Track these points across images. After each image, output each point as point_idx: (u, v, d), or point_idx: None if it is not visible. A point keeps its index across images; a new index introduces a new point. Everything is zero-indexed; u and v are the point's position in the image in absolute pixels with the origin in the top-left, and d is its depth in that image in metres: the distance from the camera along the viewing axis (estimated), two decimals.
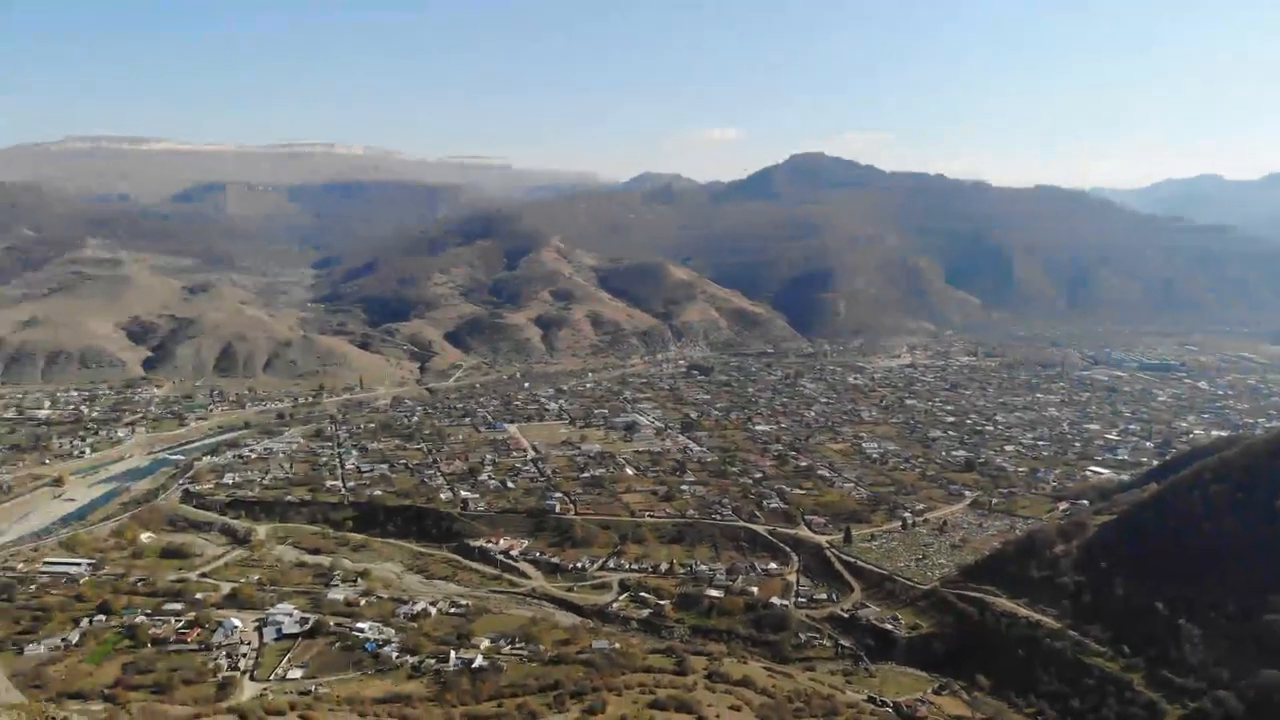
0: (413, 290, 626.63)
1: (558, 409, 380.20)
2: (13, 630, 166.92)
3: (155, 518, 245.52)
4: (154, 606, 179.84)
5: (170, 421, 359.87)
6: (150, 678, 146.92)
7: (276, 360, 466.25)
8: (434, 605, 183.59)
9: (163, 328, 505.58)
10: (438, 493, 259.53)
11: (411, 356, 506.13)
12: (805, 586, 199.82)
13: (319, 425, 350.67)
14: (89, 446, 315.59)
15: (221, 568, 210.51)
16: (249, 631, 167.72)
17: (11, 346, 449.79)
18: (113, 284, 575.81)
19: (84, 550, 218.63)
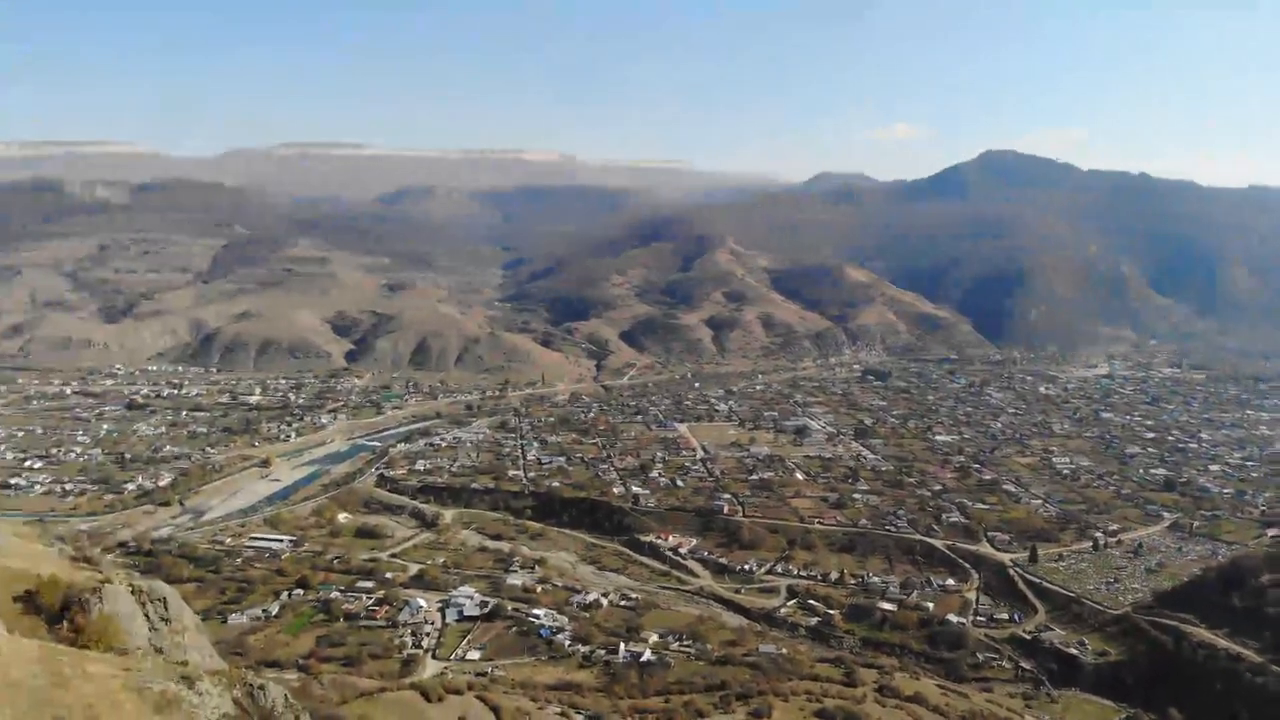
0: (592, 291, 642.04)
1: (727, 410, 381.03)
2: (219, 600, 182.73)
3: (352, 500, 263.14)
4: (347, 583, 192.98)
5: (369, 410, 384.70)
6: (341, 651, 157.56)
7: (466, 355, 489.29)
8: (605, 596, 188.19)
9: (364, 322, 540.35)
10: (610, 487, 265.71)
11: (589, 354, 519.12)
12: (985, 605, 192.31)
13: (503, 417, 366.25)
14: (294, 431, 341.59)
15: (410, 549, 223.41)
16: (433, 611, 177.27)
17: (227, 337, 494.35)
18: (320, 281, 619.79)
19: (286, 528, 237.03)
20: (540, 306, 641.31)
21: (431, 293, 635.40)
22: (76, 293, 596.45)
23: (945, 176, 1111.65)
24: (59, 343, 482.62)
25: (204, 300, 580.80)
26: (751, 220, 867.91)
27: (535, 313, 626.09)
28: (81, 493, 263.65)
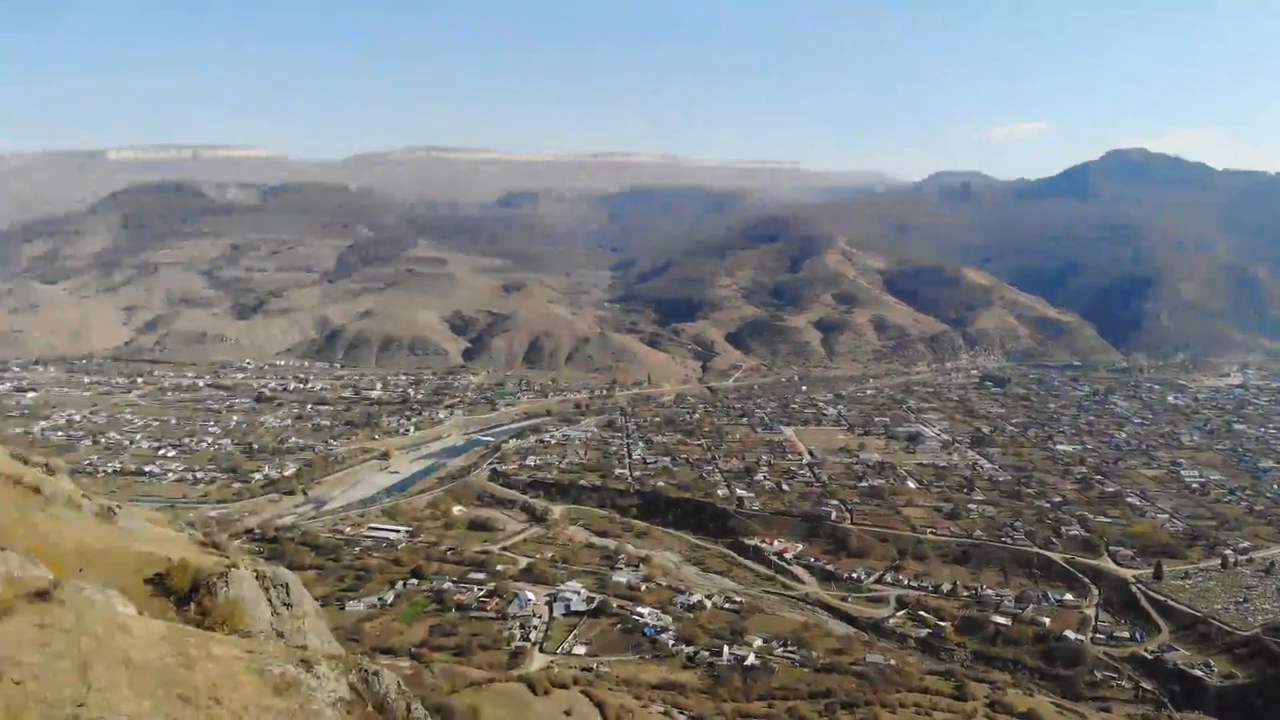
0: (699, 292, 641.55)
1: (836, 414, 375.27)
2: (337, 588, 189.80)
3: (466, 493, 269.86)
4: (460, 574, 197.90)
5: (483, 406, 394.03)
6: (452, 640, 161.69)
7: (576, 354, 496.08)
8: (709, 598, 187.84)
9: (480, 321, 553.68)
10: (715, 489, 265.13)
11: (695, 355, 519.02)
12: (1105, 622, 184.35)
13: (610, 416, 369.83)
14: (413, 425, 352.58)
15: (520, 543, 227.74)
16: (541, 605, 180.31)
17: (351, 334, 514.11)
18: (439, 281, 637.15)
19: (403, 519, 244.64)
20: (647, 307, 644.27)
21: (543, 293, 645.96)
22: (210, 290, 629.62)
23: (1068, 175, 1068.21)
24: (193, 337, 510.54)
25: (329, 299, 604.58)
26: (863, 220, 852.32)
27: (643, 313, 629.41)
28: (211, 481, 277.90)
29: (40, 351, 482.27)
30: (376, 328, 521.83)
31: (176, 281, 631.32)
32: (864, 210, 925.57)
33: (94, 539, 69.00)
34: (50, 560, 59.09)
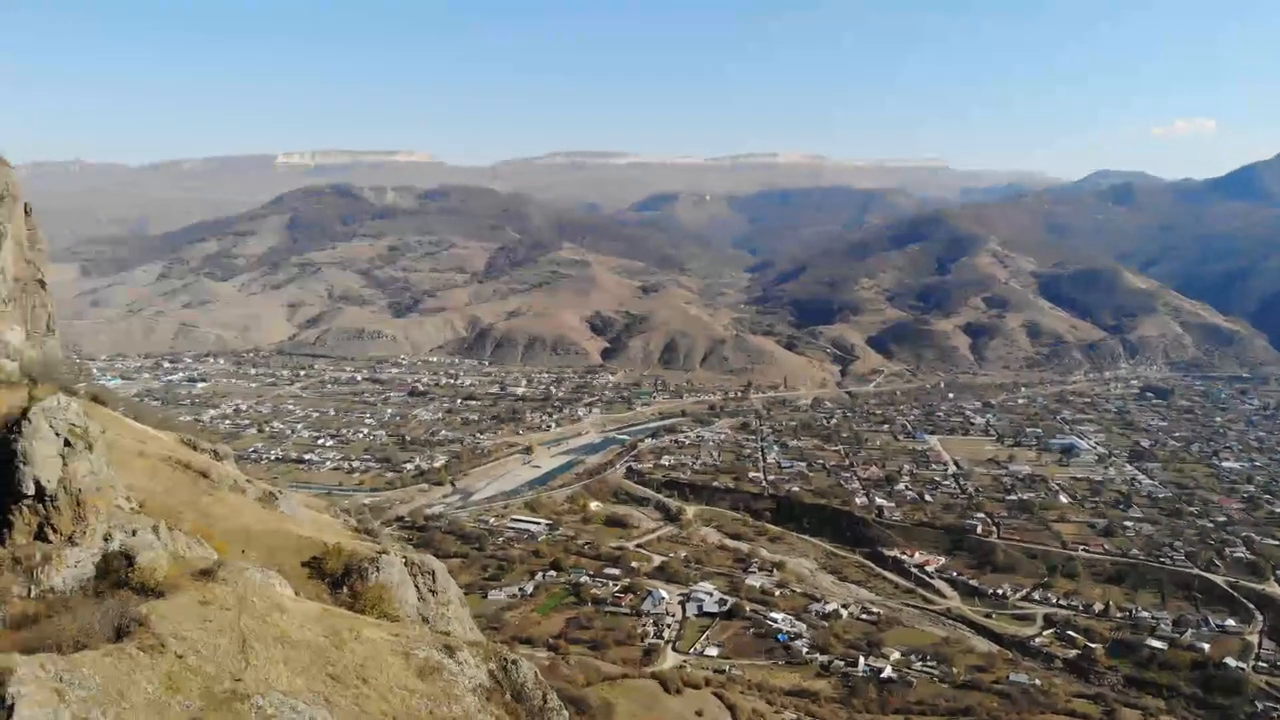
0: (839, 294, 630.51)
1: (984, 424, 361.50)
2: (480, 576, 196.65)
3: (603, 489, 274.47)
4: (596, 569, 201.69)
5: (620, 405, 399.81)
6: (588, 634, 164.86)
7: (712, 356, 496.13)
8: (845, 608, 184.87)
9: (619, 322, 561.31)
10: (853, 496, 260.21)
11: (833, 359, 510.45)
12: (1269, 650, 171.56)
13: (745, 419, 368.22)
14: (554, 422, 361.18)
15: (654, 541, 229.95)
16: (674, 604, 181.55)
17: (499, 332, 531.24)
18: (581, 282, 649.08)
19: (543, 512, 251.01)
20: (785, 309, 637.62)
21: (680, 295, 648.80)
22: (368, 289, 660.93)
23: (1237, 176, 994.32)
24: (352, 334, 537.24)
25: (479, 298, 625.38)
26: (1016, 221, 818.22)
27: (780, 315, 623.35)
28: (366, 470, 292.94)
29: (211, 345, 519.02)
30: (522, 327, 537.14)
31: (337, 280, 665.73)
32: (1017, 210, 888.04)
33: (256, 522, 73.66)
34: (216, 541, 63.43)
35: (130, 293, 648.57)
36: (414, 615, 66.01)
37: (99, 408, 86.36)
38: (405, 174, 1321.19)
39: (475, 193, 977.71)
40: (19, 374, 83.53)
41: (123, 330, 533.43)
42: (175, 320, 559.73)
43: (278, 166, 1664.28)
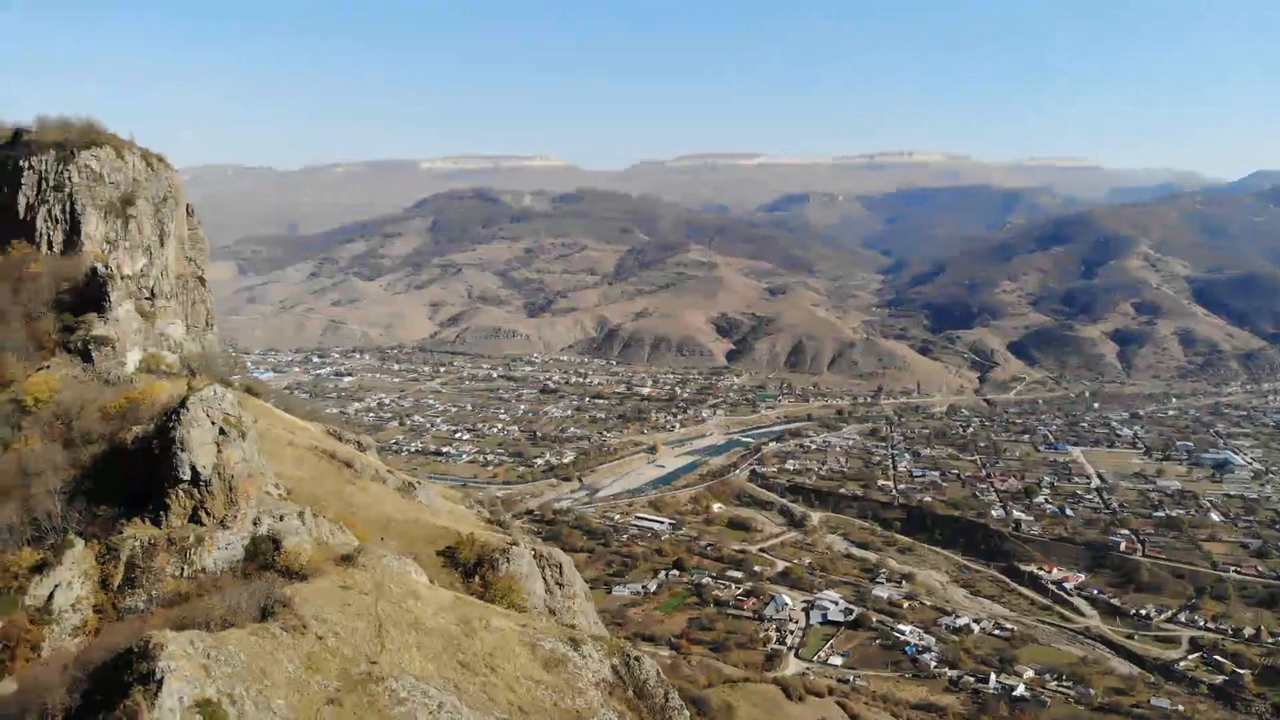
0: (977, 297, 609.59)
1: (1131, 436, 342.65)
2: (605, 572, 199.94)
3: (726, 491, 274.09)
4: (718, 571, 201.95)
5: (745, 407, 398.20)
6: (710, 635, 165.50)
7: (840, 359, 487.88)
8: (977, 622, 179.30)
9: (745, 324, 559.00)
10: (989, 508, 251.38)
11: (971, 365, 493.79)
12: None
13: (875, 425, 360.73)
14: (679, 422, 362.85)
15: (777, 546, 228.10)
16: (797, 610, 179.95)
17: (626, 333, 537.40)
18: (707, 284, 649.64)
19: (667, 511, 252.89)
20: (920, 313, 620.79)
21: (808, 297, 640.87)
22: (505, 289, 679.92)
23: None
24: (489, 332, 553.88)
25: (608, 299, 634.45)
26: (1168, 223, 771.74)
27: (914, 319, 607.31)
28: (499, 463, 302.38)
29: (358, 341, 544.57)
30: (649, 328, 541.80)
31: (476, 281, 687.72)
32: (1170, 211, 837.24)
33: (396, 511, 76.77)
34: (357, 528, 66.49)
35: (283, 290, 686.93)
36: (541, 607, 67.70)
37: (252, 399, 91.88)
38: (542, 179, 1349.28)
39: (607, 196, 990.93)
40: (179, 366, 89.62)
41: (276, 326, 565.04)
42: (325, 317, 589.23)
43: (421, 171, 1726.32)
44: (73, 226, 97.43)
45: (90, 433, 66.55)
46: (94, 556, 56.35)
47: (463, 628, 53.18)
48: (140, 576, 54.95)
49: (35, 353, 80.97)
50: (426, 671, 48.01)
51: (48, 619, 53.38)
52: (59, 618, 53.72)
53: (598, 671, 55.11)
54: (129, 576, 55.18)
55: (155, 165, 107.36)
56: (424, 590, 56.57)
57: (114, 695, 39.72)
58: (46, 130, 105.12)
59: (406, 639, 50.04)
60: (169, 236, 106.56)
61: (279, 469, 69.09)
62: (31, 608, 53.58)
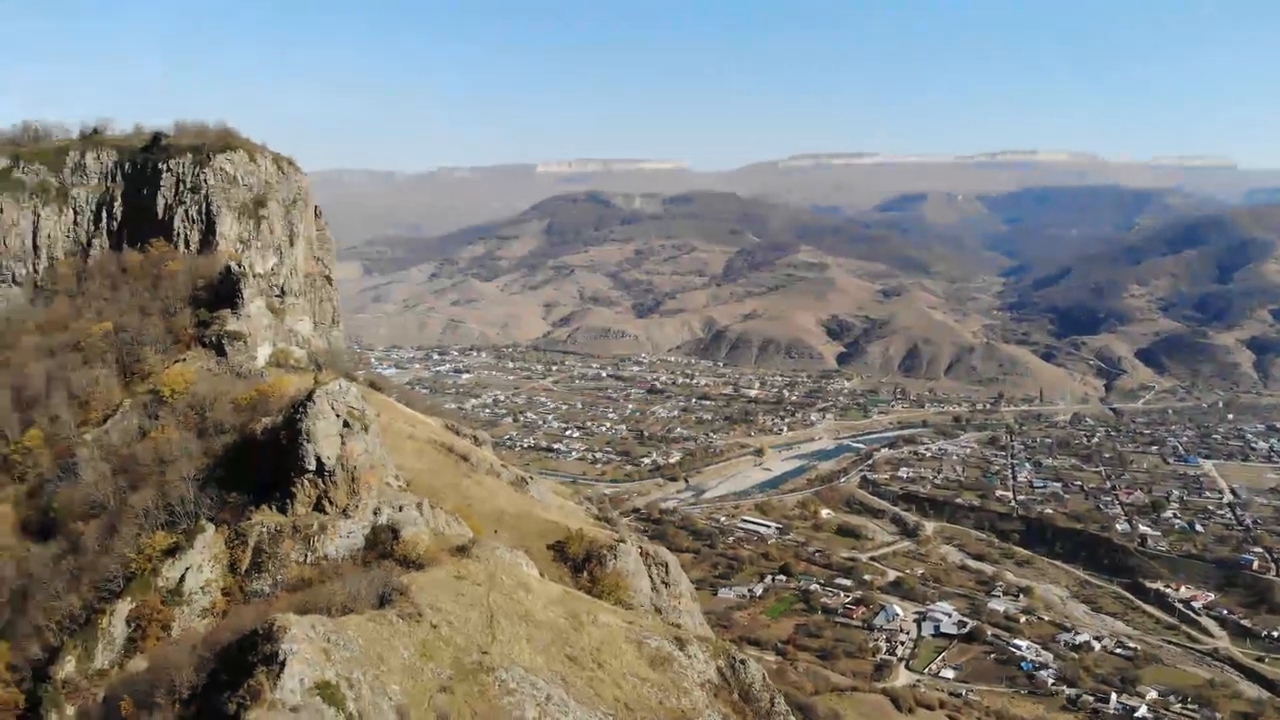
0: (1104, 302, 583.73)
1: (1267, 449, 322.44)
2: (710, 573, 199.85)
3: (835, 497, 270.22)
4: (826, 578, 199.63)
5: (855, 412, 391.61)
6: (817, 642, 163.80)
7: (958, 365, 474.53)
8: (1098, 640, 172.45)
9: (857, 326, 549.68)
10: (1113, 522, 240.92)
11: (1096, 372, 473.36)
12: None
13: (994, 433, 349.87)
14: (786, 425, 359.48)
15: (889, 555, 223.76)
16: (908, 621, 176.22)
17: (734, 334, 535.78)
18: (818, 285, 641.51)
19: (774, 515, 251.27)
20: (1043, 317, 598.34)
21: (924, 299, 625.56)
22: (615, 290, 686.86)
23: None
24: (599, 332, 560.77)
25: (716, 301, 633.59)
26: None
27: (1037, 323, 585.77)
28: (608, 461, 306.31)
29: (475, 339, 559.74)
30: (757, 329, 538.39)
31: (588, 282, 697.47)
32: None
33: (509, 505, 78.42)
34: (472, 520, 68.19)
35: (406, 290, 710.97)
36: (647, 605, 68.14)
37: (375, 393, 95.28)
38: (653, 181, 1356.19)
39: (717, 198, 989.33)
40: (307, 361, 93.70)
41: (399, 324, 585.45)
42: (445, 316, 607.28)
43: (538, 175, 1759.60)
44: (208, 226, 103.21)
45: (222, 423, 70.27)
46: (224, 541, 59.42)
47: (571, 622, 53.99)
48: (266, 561, 57.68)
49: (172, 346, 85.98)
50: (535, 663, 48.92)
51: (178, 600, 56.50)
52: (189, 599, 56.79)
53: (703, 672, 55.17)
54: (256, 561, 58.00)
55: (286, 168, 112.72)
56: (534, 583, 57.65)
57: (239, 675, 41.78)
58: (184, 135, 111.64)
59: (517, 630, 51.11)
60: (298, 237, 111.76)
61: (399, 461, 71.52)
62: (163, 589, 56.83)
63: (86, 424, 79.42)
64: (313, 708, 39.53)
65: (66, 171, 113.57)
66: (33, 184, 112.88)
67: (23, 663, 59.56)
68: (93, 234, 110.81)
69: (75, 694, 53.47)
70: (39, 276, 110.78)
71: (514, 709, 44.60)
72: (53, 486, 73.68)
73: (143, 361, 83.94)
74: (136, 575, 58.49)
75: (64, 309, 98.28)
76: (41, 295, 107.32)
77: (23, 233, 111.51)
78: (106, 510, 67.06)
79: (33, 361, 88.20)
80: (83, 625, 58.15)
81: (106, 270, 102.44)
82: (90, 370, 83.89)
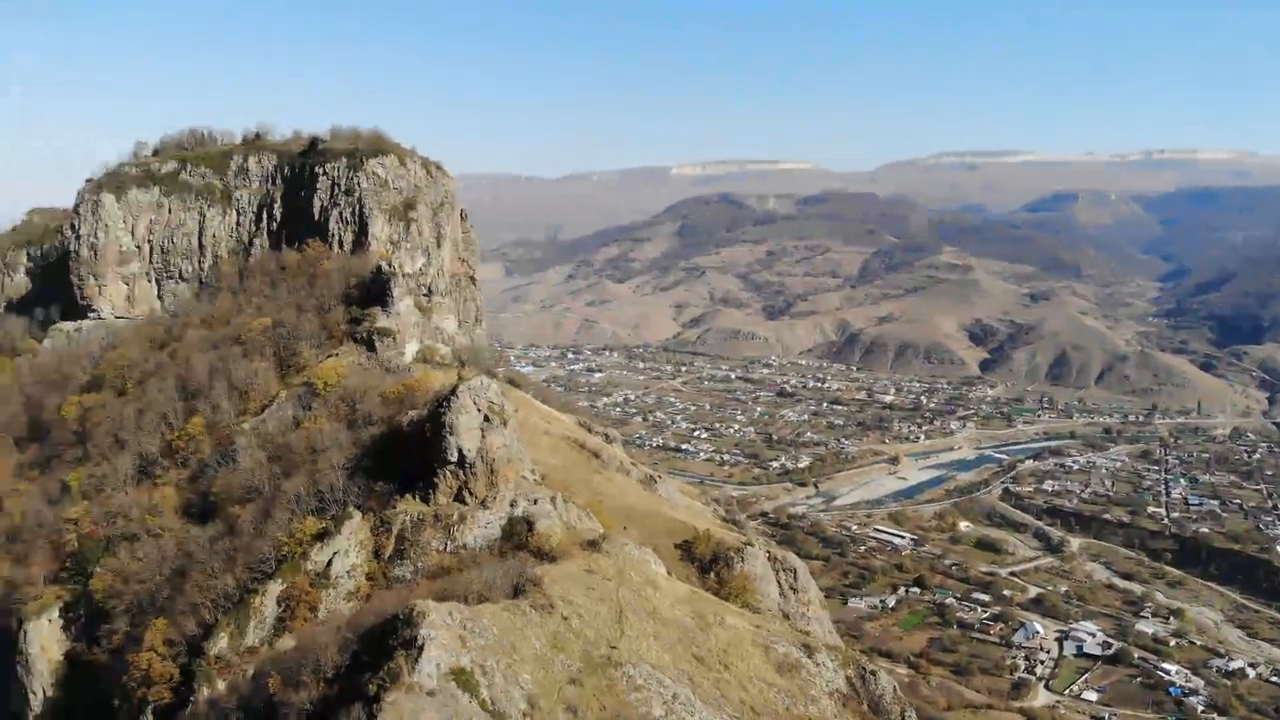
0: (1269, 310, 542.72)
1: None
2: (840, 582, 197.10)
3: (974, 510, 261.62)
4: (963, 592, 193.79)
5: (998, 421, 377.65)
6: (951, 657, 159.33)
7: (1109, 373, 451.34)
8: (1254, 667, 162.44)
9: (1001, 332, 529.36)
10: (1274, 543, 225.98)
11: (1260, 385, 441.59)
12: None
13: (1146, 446, 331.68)
14: (923, 433, 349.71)
15: (1030, 571, 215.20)
16: (1049, 640, 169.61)
17: (869, 338, 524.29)
18: (960, 288, 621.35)
19: (908, 525, 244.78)
20: (1202, 325, 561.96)
21: (1074, 304, 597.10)
22: (745, 292, 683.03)
23: None
24: (729, 334, 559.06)
25: (850, 303, 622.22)
26: None
27: (1195, 331, 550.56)
28: (735, 464, 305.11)
29: (608, 339, 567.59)
30: (894, 333, 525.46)
31: (718, 283, 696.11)
32: None
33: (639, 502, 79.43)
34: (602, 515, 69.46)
35: (544, 291, 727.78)
36: (775, 610, 67.86)
37: (514, 390, 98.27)
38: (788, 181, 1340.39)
39: (853, 197, 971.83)
40: (450, 357, 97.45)
41: (536, 323, 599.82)
42: (579, 316, 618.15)
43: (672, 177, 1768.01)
44: (361, 228, 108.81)
45: (371, 415, 73.82)
46: (369, 528, 62.42)
47: (698, 622, 54.29)
48: (409, 549, 60.30)
49: (326, 341, 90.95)
50: (662, 661, 49.43)
51: (325, 583, 59.65)
52: (335, 582, 59.88)
53: (831, 681, 54.54)
54: (399, 548, 60.71)
55: (434, 173, 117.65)
56: (662, 581, 58.25)
57: (379, 658, 43.85)
58: (338, 140, 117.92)
59: (644, 627, 51.76)
60: (445, 238, 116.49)
61: (535, 455, 73.50)
62: (312, 572, 60.13)
63: (245, 413, 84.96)
64: (448, 693, 41.12)
65: (230, 174, 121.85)
66: (199, 186, 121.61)
67: (179, 638, 64.02)
68: (254, 234, 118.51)
69: (227, 669, 57.19)
70: (204, 273, 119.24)
71: (641, 705, 45.21)
72: (213, 472, 79.11)
73: (298, 355, 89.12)
74: (287, 558, 62.05)
75: (227, 305, 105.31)
76: (206, 291, 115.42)
77: (190, 232, 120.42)
78: (261, 495, 71.39)
79: (197, 354, 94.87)
80: (236, 604, 62.17)
81: (266, 268, 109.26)
82: (250, 363, 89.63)
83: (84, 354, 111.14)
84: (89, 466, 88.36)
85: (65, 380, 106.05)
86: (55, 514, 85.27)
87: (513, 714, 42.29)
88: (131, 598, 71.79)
